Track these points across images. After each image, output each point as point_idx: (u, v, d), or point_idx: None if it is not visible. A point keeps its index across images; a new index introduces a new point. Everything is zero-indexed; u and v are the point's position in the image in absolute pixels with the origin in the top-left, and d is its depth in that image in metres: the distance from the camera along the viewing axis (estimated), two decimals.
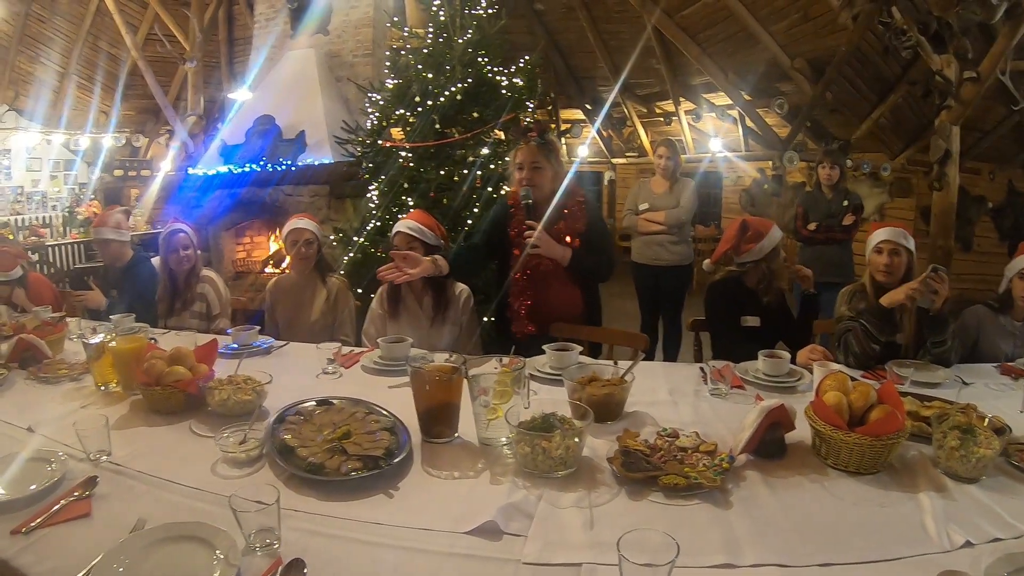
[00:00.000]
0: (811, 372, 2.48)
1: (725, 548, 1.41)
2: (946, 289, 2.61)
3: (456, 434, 2.00)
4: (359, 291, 4.44)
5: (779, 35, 8.54)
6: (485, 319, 3.63)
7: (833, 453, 1.78)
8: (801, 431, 1.90)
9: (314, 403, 2.15)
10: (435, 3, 5.45)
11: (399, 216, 3.98)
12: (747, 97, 9.85)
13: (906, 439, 1.82)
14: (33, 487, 1.67)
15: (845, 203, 5.31)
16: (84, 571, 1.35)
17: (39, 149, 12.20)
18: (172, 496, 1.68)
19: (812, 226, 5.31)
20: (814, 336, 3.27)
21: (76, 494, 1.65)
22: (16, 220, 11.33)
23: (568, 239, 3.14)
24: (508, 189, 4.47)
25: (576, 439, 1.73)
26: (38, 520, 1.54)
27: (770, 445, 1.83)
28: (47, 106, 11.97)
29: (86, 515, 1.58)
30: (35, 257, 9.66)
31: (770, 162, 10.42)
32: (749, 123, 10.51)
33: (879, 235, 2.95)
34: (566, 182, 3.21)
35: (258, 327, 3.20)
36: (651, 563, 1.18)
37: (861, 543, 1.43)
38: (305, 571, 1.34)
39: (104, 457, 1.86)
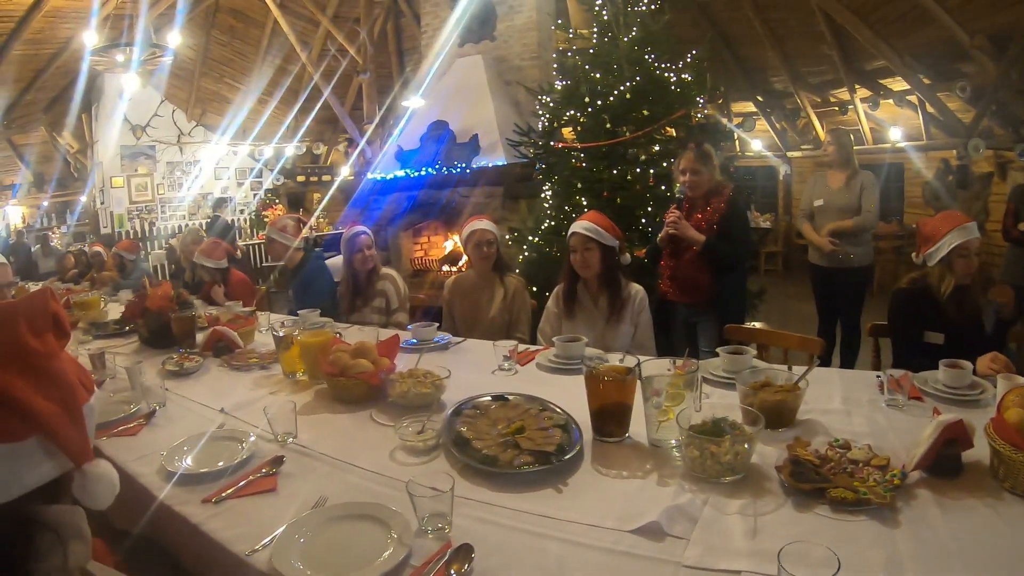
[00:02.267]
0: (995, 385, 2.31)
1: (886, 568, 1.36)
2: None
3: (627, 434, 2.02)
4: (534, 290, 4.54)
5: (955, 11, 7.84)
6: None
7: (1012, 476, 1.64)
8: (980, 449, 1.77)
9: (490, 398, 2.24)
10: (597, 3, 5.48)
11: (573, 216, 4.09)
12: (926, 80, 9.16)
13: None
14: (223, 464, 1.87)
15: None
16: (268, 538, 1.50)
17: (226, 159, 13.43)
18: (352, 478, 1.82)
19: (1022, 226, 4.83)
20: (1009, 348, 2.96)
21: (264, 471, 1.83)
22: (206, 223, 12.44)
23: (704, 227, 3.72)
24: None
25: (746, 445, 1.71)
26: (228, 491, 1.72)
27: (945, 463, 1.72)
28: (233, 121, 13.08)
29: (272, 490, 1.75)
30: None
31: (954, 151, 9.64)
32: (929, 109, 9.75)
33: None
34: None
35: (436, 324, 3.33)
36: None
37: None
38: (473, 556, 1.41)
39: (291, 439, 2.05)
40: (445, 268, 8.47)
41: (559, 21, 6.20)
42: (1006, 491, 1.65)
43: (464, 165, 7.78)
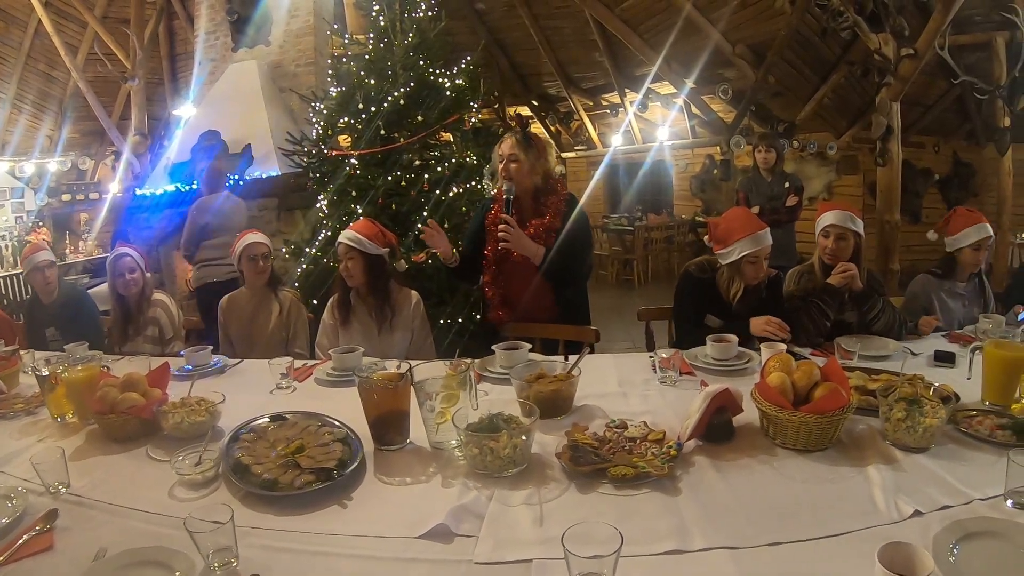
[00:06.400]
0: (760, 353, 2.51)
1: (674, 534, 1.43)
2: (853, 270, 2.86)
3: (408, 440, 2.00)
4: (314, 303, 4.41)
5: (719, 22, 8.65)
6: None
7: (780, 432, 1.81)
8: (750, 413, 1.94)
9: (268, 419, 2.14)
10: (375, 8, 5.43)
11: (349, 225, 4.00)
12: (691, 85, 9.95)
13: (852, 414, 1.85)
14: None
15: (786, 185, 5.31)
16: None
17: None
18: (132, 523, 1.67)
19: (755, 210, 5.22)
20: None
21: (38, 528, 1.63)
22: None
23: (544, 237, 3.12)
24: (483, 186, 4.81)
25: (523, 437, 1.75)
26: (1, 558, 1.52)
27: (717, 429, 1.87)
28: None
29: (49, 548, 1.57)
30: None
31: (718, 147, 10.55)
32: (695, 110, 10.62)
33: (827, 218, 2.94)
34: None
35: (211, 347, 3.15)
36: (598, 555, 1.20)
37: (810, 520, 1.46)
38: None
39: (63, 489, 1.84)
40: None
41: (335, 26, 6.05)
42: (777, 446, 1.82)
43: (237, 177, 7.47)
